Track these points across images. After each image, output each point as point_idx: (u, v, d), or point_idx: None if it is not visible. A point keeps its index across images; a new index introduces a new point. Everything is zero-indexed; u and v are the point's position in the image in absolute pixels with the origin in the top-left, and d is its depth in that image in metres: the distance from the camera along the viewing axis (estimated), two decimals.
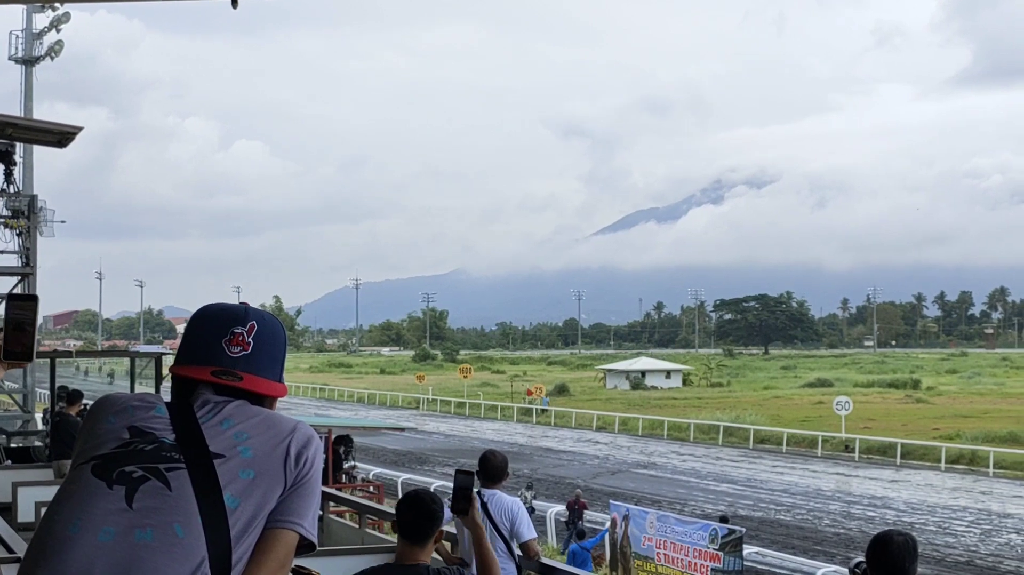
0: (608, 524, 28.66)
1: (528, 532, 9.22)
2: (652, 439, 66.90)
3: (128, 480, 2.59)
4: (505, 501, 9.30)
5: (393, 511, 6.53)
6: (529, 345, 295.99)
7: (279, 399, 2.92)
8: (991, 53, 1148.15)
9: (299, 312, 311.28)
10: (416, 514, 6.29)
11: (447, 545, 9.51)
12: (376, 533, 13.41)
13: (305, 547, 2.74)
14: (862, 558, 6.92)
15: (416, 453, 58.48)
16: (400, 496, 10.59)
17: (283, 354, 2.94)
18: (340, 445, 33.04)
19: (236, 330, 2.83)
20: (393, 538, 11.66)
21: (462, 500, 7.32)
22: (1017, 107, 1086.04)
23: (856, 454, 57.23)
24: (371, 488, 34.68)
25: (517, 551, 9.17)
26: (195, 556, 2.52)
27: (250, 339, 2.82)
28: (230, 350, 2.81)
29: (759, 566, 28.88)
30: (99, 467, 2.63)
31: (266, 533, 2.65)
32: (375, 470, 43.91)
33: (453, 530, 9.43)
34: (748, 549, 27.37)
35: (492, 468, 9.43)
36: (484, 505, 9.15)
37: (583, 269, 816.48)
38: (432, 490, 7.44)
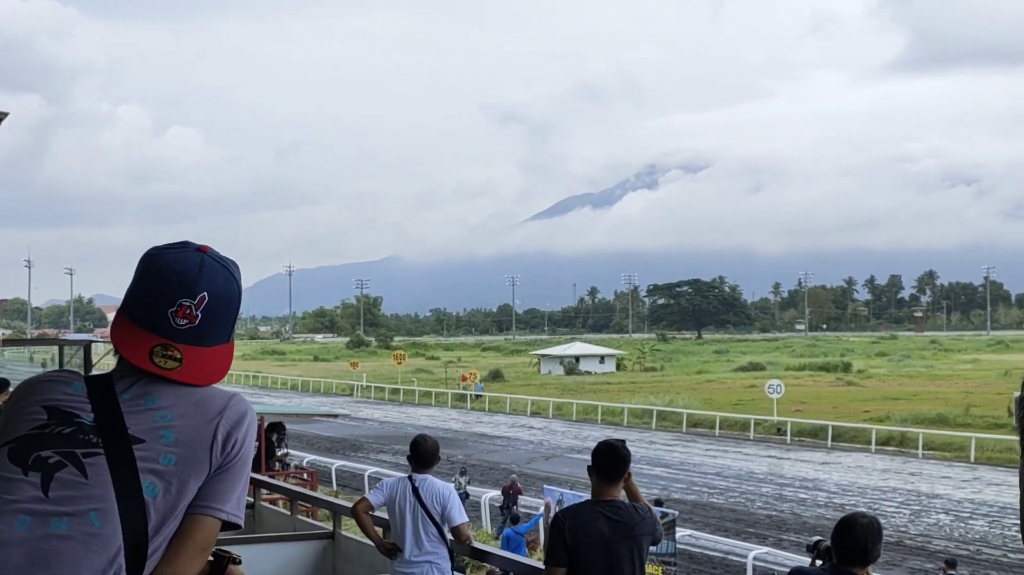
0: (542, 509, 28.75)
1: (459, 516, 9.22)
2: (586, 424, 67.12)
3: (44, 466, 2.48)
4: (437, 486, 9.29)
5: (326, 498, 6.77)
6: (463, 331, 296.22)
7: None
8: (924, 40, 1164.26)
9: None
10: (612, 459, 7.21)
11: (379, 530, 9.51)
12: (308, 519, 13.37)
13: (230, 526, 2.66)
14: (819, 537, 7.01)
15: (350, 440, 58.31)
16: (332, 482, 10.54)
17: (235, 315, 2.73)
18: (273, 432, 32.87)
19: (184, 302, 2.62)
20: (326, 524, 11.65)
21: None
22: (948, 93, 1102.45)
23: (788, 437, 57.73)
24: (304, 475, 34.54)
25: (449, 536, 9.17)
26: (111, 547, 2.44)
27: (198, 313, 2.62)
28: (175, 322, 2.61)
29: (692, 549, 29.10)
30: (16, 451, 2.53)
31: (187, 519, 2.56)
32: (309, 457, 43.74)
33: (385, 516, 9.42)
34: (681, 532, 27.59)
35: (423, 453, 9.42)
36: (415, 490, 9.16)
37: (518, 255, 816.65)
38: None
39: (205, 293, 2.63)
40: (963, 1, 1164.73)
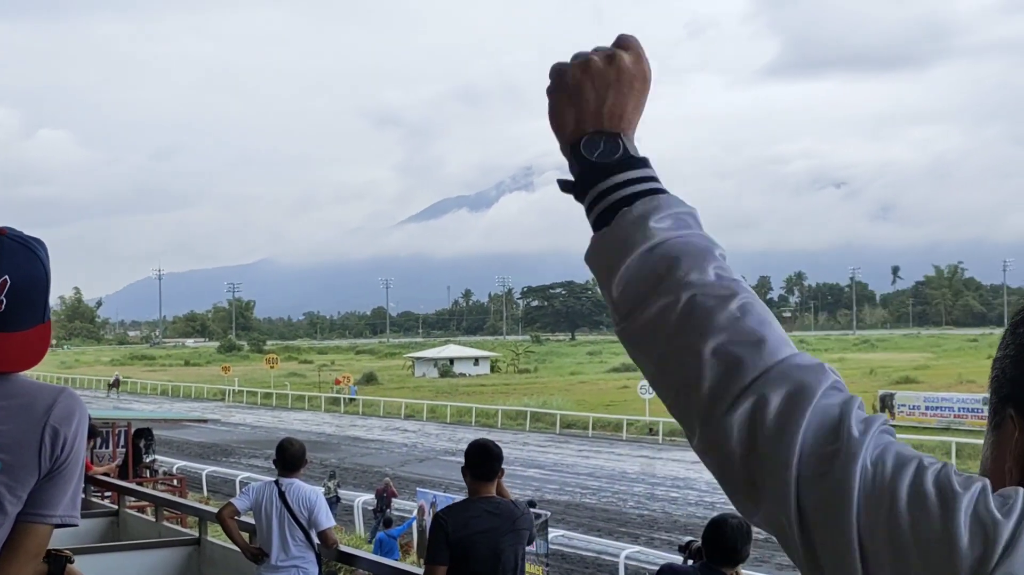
0: (416, 512, 28.68)
1: (327, 521, 9.18)
2: (460, 426, 67.09)
3: None
4: (304, 490, 9.24)
5: (192, 503, 6.76)
6: (337, 334, 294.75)
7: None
8: (797, 46, 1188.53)
9: (99, 304, 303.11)
10: (485, 457, 7.50)
11: (246, 536, 9.41)
12: (175, 526, 13.16)
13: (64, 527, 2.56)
14: (691, 537, 7.10)
15: (222, 445, 57.57)
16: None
17: (44, 294, 2.63)
18: (140, 439, 32.31)
19: None
20: (193, 531, 11.48)
21: None
22: (820, 97, 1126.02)
23: (660, 437, 58.30)
24: (174, 482, 34.02)
25: (316, 540, 9.11)
26: None
27: (2, 297, 2.50)
28: None
29: (565, 549, 29.23)
30: None
31: (18, 526, 2.48)
32: (178, 463, 43.07)
33: (252, 521, 9.32)
34: (554, 532, 27.70)
35: (290, 457, 9.36)
36: (282, 494, 9.10)
37: (393, 257, 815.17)
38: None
39: (7, 276, 2.53)
40: (835, 9, 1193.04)
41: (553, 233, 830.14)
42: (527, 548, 7.85)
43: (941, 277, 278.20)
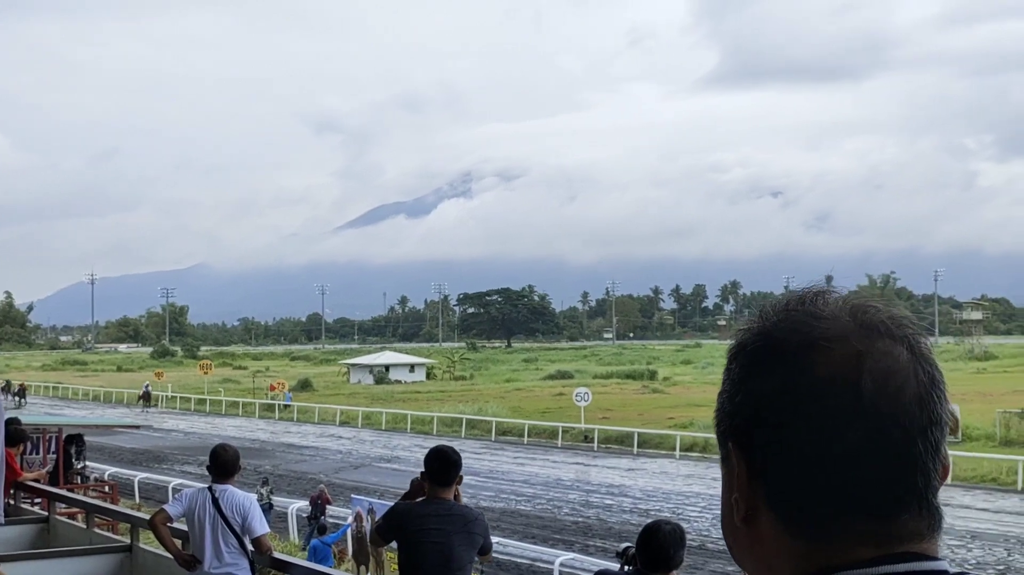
0: (350, 519, 28.56)
1: (260, 527, 9.14)
2: (396, 433, 66.97)
3: None
4: (237, 496, 9.19)
5: (124, 510, 6.76)
6: (272, 340, 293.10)
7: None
8: (736, 56, 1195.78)
9: (31, 308, 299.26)
10: (444, 463, 7.89)
11: (178, 542, 9.34)
12: (106, 533, 13.03)
13: None
14: (628, 544, 7.14)
15: (154, 451, 57.08)
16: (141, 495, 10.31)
17: None
18: (71, 445, 31.92)
19: None
20: (125, 538, 11.38)
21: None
22: (758, 107, 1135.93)
23: (595, 444, 58.47)
24: (105, 488, 33.65)
25: (250, 547, 9.06)
26: None
27: None
28: None
29: (500, 556, 29.22)
30: None
31: None
32: (110, 470, 42.63)
33: (185, 527, 9.26)
34: None
35: (223, 463, 9.31)
36: (216, 501, 9.04)
37: (330, 263, 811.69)
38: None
39: None
40: (773, 21, 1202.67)
41: (490, 240, 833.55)
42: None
43: (874, 287, 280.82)
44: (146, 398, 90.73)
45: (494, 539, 27.74)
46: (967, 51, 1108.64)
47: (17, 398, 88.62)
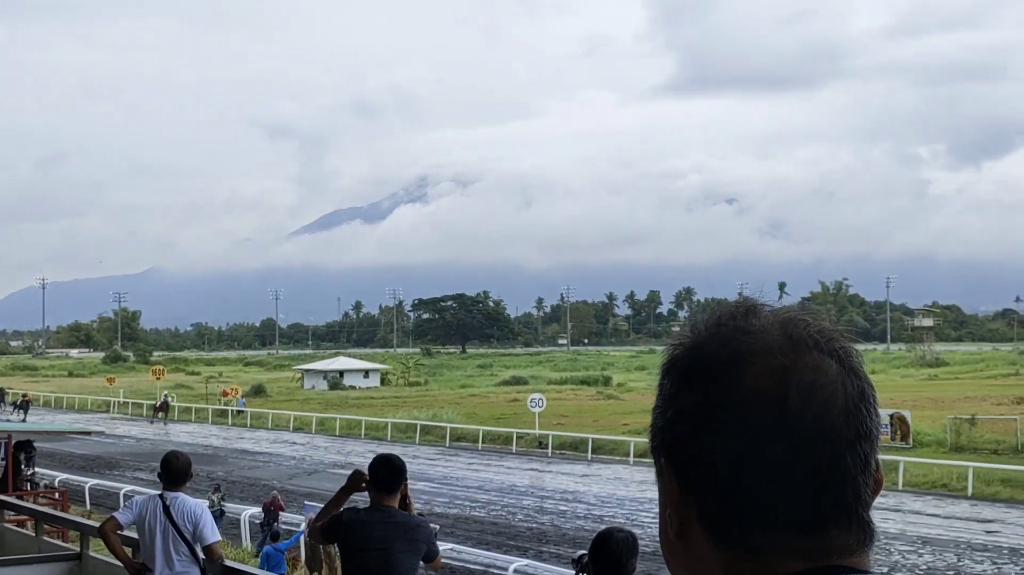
0: (303, 525, 28.43)
1: (212, 535, 9.08)
2: (350, 439, 66.77)
3: None
4: (189, 504, 9.13)
5: (73, 517, 6.73)
6: (226, 346, 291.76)
7: None
8: (692, 64, 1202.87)
9: None
10: (387, 470, 7.90)
11: (129, 550, 9.26)
12: (56, 541, 12.90)
13: None
14: (583, 551, 7.13)
15: (106, 458, 56.62)
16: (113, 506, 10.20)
17: None
18: (21, 451, 31.64)
19: None
20: (75, 545, 11.27)
21: None
22: (713, 115, 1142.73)
23: (549, 450, 58.50)
24: (55, 495, 33.36)
25: (201, 555, 9.00)
26: None
27: None
28: None
29: (454, 562, 29.19)
30: None
31: None
32: (61, 476, 42.25)
33: (135, 535, 9.18)
34: (443, 546, 27.59)
35: (175, 470, 9.24)
36: (167, 508, 8.97)
37: (284, 269, 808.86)
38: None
39: None
40: (729, 30, 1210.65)
41: (446, 246, 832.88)
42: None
43: (827, 293, 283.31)
44: (164, 409, 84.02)
45: (447, 546, 27.60)
46: (919, 61, 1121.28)
47: (19, 410, 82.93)
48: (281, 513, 32.15)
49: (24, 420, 74.86)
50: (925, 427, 54.59)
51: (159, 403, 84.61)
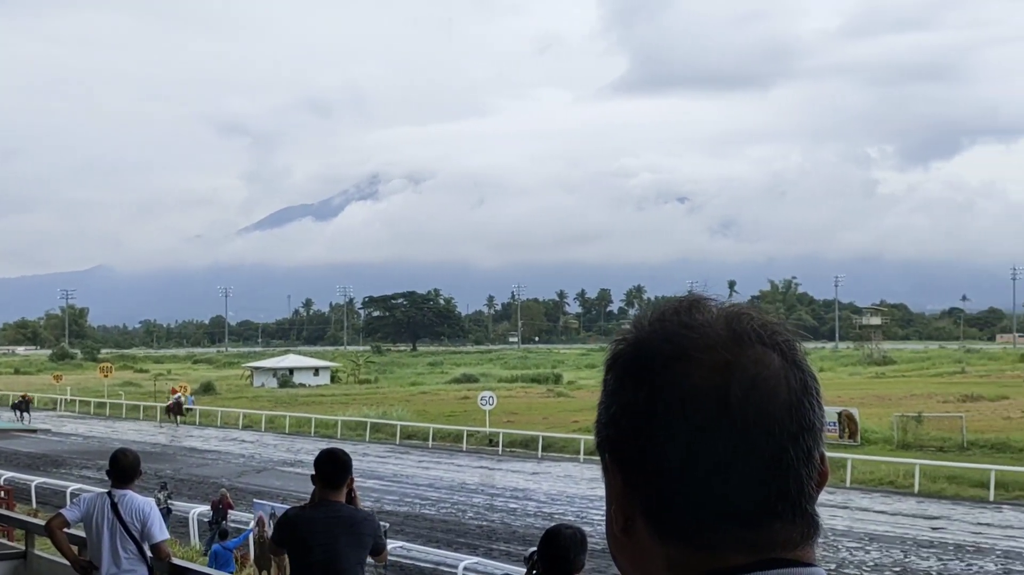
0: (253, 523, 28.31)
1: (160, 533, 9.03)
2: (299, 437, 66.52)
3: None
4: (137, 502, 9.07)
5: (17, 515, 6.67)
6: (174, 343, 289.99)
7: None
8: (645, 63, 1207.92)
9: None
10: (332, 466, 7.86)
11: (75, 548, 9.19)
12: (1, 540, 12.79)
13: None
14: (535, 548, 7.14)
15: (52, 456, 56.13)
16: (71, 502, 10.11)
17: None
18: None
19: None
20: (20, 544, 11.16)
21: None
22: (667, 113, 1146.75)
23: (500, 448, 58.53)
24: (0, 494, 33.05)
25: (149, 553, 8.95)
26: None
27: None
28: None
29: (404, 560, 29.16)
30: None
31: None
32: (6, 474, 41.86)
33: (82, 533, 9.11)
34: (393, 543, 27.60)
35: (123, 468, 9.18)
36: (115, 506, 8.91)
37: (234, 266, 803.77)
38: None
39: None
40: (682, 29, 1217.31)
41: (397, 243, 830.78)
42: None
43: (776, 292, 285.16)
44: (177, 411, 76.19)
45: (398, 543, 27.62)
46: (869, 62, 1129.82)
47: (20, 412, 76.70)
48: (230, 511, 32.02)
49: (23, 419, 73.24)
50: (872, 425, 55.06)
51: (171, 403, 76.84)
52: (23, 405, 77.97)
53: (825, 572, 1.52)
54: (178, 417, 75.49)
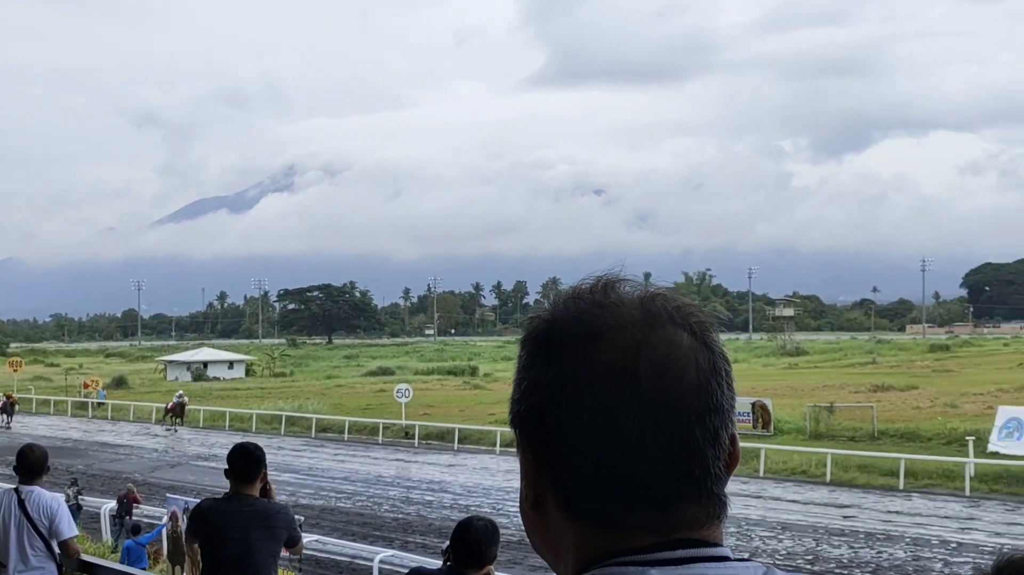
0: (166, 518, 28.04)
1: (68, 530, 8.92)
2: (214, 431, 66.00)
3: None
4: (44, 498, 8.94)
5: None
6: (86, 337, 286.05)
7: None
8: (562, 57, 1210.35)
9: None
10: (245, 460, 7.86)
11: None
12: None
13: None
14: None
15: None
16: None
17: None
18: None
19: None
20: None
21: None
22: (584, 106, 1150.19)
23: (416, 440, 58.50)
24: None
25: (58, 550, 8.84)
26: None
27: None
28: None
29: (319, 554, 29.05)
30: None
31: None
32: None
33: None
34: (308, 537, 27.47)
35: (30, 463, 9.05)
36: (22, 502, 8.79)
37: (148, 259, 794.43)
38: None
39: None
40: (599, 23, 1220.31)
41: (313, 236, 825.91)
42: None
43: (690, 284, 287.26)
44: (179, 412, 68.71)
45: (313, 537, 27.51)
46: (784, 56, 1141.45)
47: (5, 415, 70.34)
48: (139, 506, 31.69)
49: (9, 426, 69.20)
50: (785, 415, 55.67)
51: (171, 404, 69.42)
52: (8, 407, 71.51)
53: (730, 550, 1.53)
54: (178, 419, 68.03)
